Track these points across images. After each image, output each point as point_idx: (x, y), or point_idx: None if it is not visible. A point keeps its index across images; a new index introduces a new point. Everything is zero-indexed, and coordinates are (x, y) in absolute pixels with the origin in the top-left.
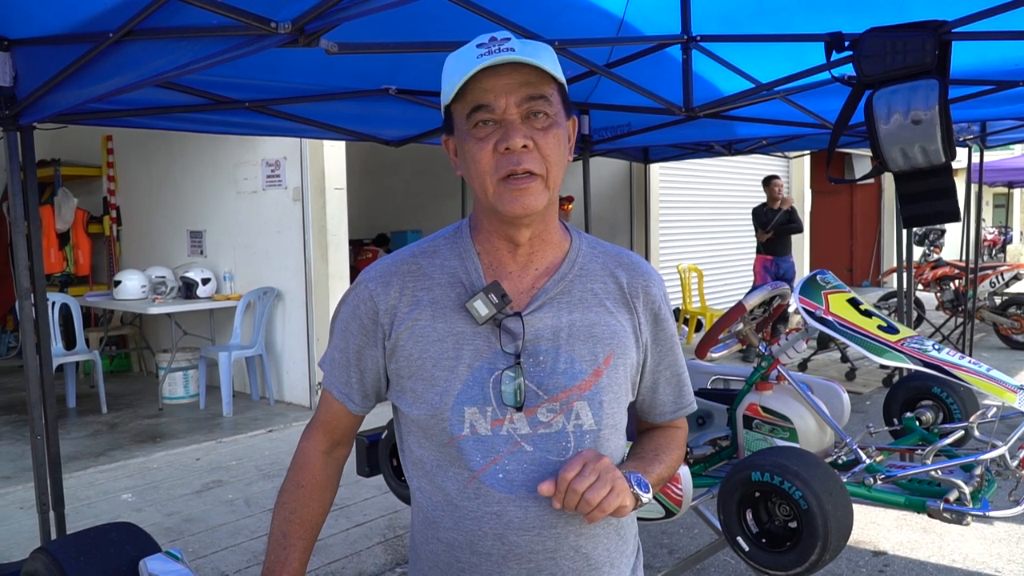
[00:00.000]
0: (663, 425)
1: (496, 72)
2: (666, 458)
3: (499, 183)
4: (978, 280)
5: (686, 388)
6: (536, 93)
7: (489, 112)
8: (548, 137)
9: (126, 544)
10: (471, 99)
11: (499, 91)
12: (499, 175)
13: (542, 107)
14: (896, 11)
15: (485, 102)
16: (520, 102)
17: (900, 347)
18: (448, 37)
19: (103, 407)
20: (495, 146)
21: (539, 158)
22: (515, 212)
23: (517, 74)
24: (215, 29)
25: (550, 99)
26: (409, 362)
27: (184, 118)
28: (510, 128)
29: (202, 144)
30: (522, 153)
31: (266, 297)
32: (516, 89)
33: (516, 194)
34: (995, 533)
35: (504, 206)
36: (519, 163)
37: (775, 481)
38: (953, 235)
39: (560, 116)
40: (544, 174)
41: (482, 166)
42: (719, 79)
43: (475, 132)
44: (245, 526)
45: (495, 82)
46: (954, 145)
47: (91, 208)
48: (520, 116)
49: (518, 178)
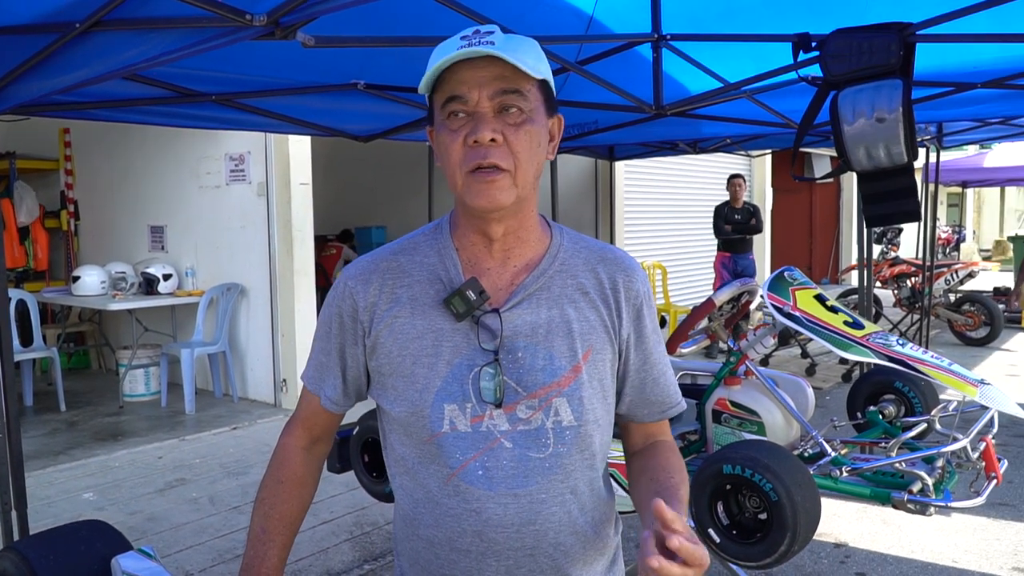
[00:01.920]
0: (653, 433)
1: (473, 64)
2: (683, 476)
3: (467, 175)
4: (933, 278)
5: (673, 386)
6: (510, 87)
7: (462, 103)
8: (519, 133)
9: (97, 542)
10: (447, 89)
11: (473, 83)
12: (467, 167)
13: (515, 101)
14: (861, 13)
15: (459, 93)
16: (493, 95)
17: (866, 342)
18: (420, 32)
19: (62, 405)
20: (464, 138)
21: (508, 153)
22: (481, 205)
23: (493, 67)
24: (188, 20)
25: (526, 95)
26: (389, 359)
27: (148, 111)
28: (480, 120)
29: (164, 138)
30: (490, 147)
31: (229, 293)
32: (490, 82)
33: (482, 187)
34: (953, 524)
35: (471, 199)
36: (485, 156)
37: (746, 474)
38: (909, 233)
39: (537, 113)
40: (512, 169)
41: (452, 158)
42: (687, 78)
43: (448, 123)
44: (210, 524)
45: (471, 74)
46: (916, 145)
47: (48, 202)
48: (493, 109)
49: (484, 171)
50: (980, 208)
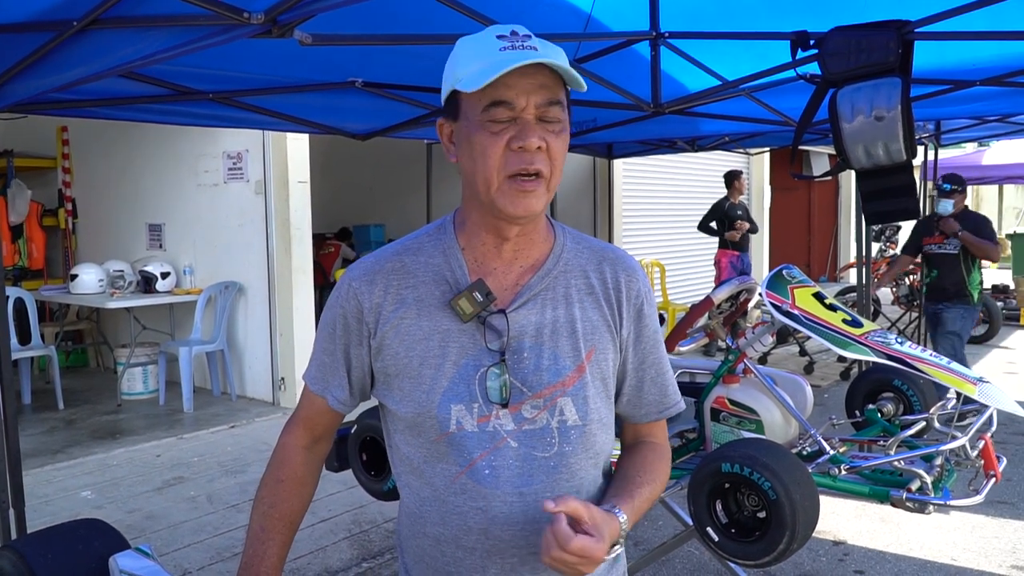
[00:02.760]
0: (644, 434)
1: (521, 70)
2: (652, 477)
3: (506, 180)
4: None
5: (671, 386)
6: (555, 98)
7: (509, 109)
8: (559, 141)
9: (95, 541)
10: (491, 93)
11: (521, 90)
12: (507, 172)
13: (557, 112)
14: (859, 11)
15: (507, 99)
16: (539, 104)
17: (864, 340)
18: (418, 30)
19: (60, 403)
20: (508, 143)
21: (547, 160)
22: (516, 213)
23: (539, 75)
24: (185, 18)
25: (563, 104)
26: (395, 360)
27: (146, 109)
28: (526, 127)
29: (162, 136)
30: (536, 153)
31: (228, 291)
32: (537, 90)
33: (520, 195)
34: (951, 522)
35: (506, 206)
36: (531, 163)
37: (745, 472)
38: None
39: (567, 122)
40: (548, 176)
41: (491, 160)
42: (686, 76)
43: (489, 126)
44: (208, 523)
45: (519, 80)
46: (915, 143)
47: (45, 200)
48: (535, 117)
49: (526, 179)
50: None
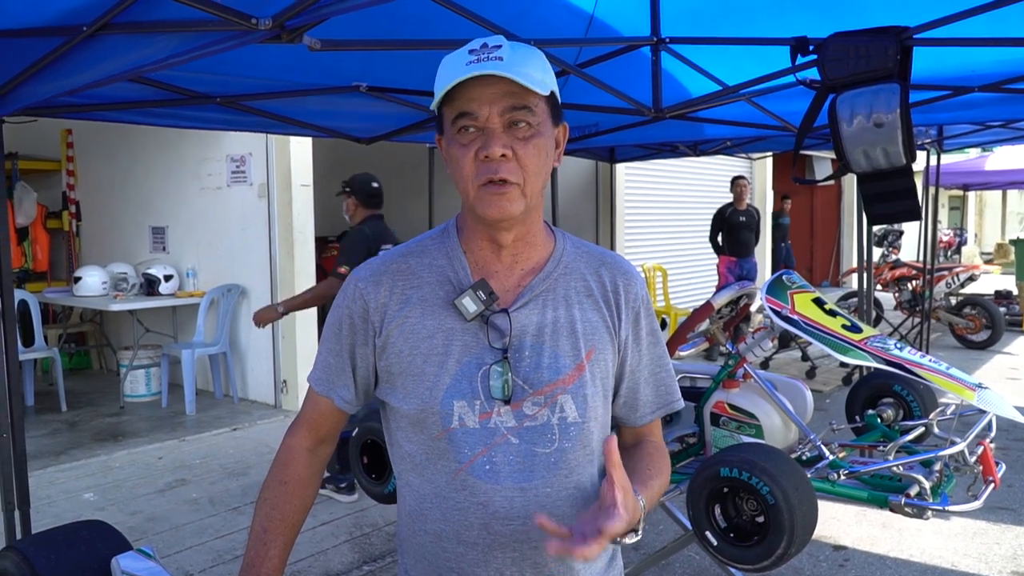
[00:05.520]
0: (643, 434)
1: (483, 81)
2: (660, 471)
3: (479, 188)
4: (934, 281)
5: (668, 387)
6: (519, 104)
7: (472, 119)
8: (528, 147)
9: (97, 542)
10: (457, 105)
11: (483, 100)
12: (479, 181)
13: (524, 117)
14: (859, 17)
15: (469, 110)
16: (503, 111)
17: (864, 346)
18: (422, 34)
19: (63, 405)
20: (476, 153)
21: (517, 168)
22: (492, 216)
23: (503, 83)
24: (194, 24)
25: (533, 109)
26: (400, 358)
27: (153, 112)
28: (491, 136)
29: (165, 139)
30: (500, 162)
31: (230, 294)
32: (499, 99)
33: (494, 199)
34: (951, 528)
35: (483, 210)
36: (496, 171)
37: (743, 477)
38: (910, 236)
39: (544, 125)
40: (521, 183)
41: (464, 171)
42: (687, 80)
43: (459, 138)
44: (210, 525)
45: (480, 91)
46: (914, 147)
47: (49, 203)
48: (503, 124)
49: (495, 184)
50: (982, 211)
